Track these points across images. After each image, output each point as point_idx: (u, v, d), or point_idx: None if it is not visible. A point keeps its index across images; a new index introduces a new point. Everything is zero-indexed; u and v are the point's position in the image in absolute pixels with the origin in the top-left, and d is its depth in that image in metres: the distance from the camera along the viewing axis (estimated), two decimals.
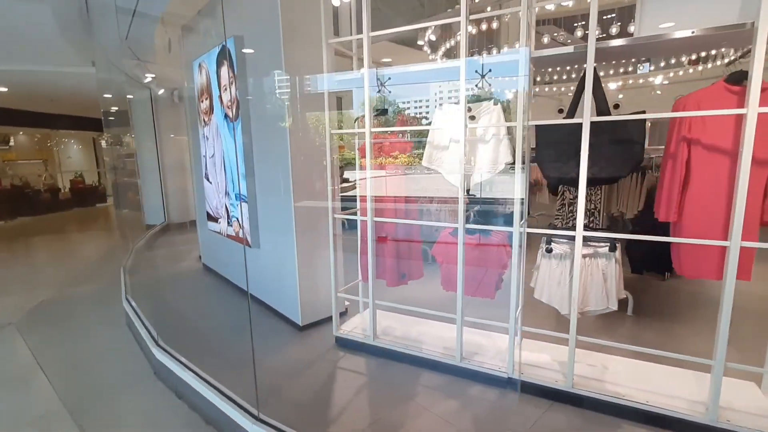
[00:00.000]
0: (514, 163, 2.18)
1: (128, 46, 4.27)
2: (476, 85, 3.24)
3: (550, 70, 8.00)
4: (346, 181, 4.17)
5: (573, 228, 1.99)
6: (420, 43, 6.48)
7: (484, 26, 7.22)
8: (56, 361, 2.78)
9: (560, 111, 3.45)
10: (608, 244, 2.04)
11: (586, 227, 3.40)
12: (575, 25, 6.85)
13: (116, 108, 5.92)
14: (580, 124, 1.88)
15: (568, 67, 7.58)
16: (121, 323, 3.32)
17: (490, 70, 3.12)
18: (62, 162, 12.08)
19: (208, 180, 4.06)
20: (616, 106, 2.95)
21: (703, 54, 6.72)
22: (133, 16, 3.17)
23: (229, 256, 3.96)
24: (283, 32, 2.64)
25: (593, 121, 1.84)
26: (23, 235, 7.96)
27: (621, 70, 8.29)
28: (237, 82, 3.14)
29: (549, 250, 2.17)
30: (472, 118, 2.20)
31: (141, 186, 7.47)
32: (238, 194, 3.44)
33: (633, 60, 7.92)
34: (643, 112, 1.92)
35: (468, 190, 2.37)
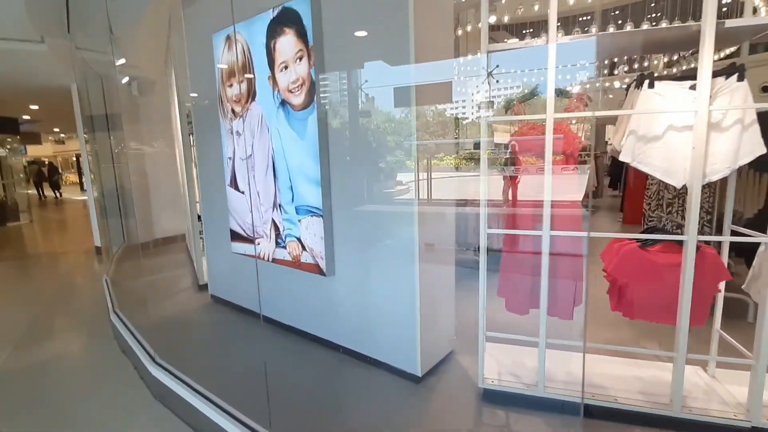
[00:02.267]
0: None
1: (107, 12, 3.17)
2: (483, 82, 2.78)
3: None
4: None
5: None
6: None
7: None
8: None
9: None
10: None
11: (653, 230, 3.12)
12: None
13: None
14: None
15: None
16: (148, 402, 2.30)
17: (497, 66, 2.67)
18: None
19: (236, 188, 3.12)
20: None
21: None
22: None
23: (276, 287, 3.06)
24: None
25: None
26: None
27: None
28: (313, 57, 2.33)
29: None
30: None
31: (89, 201, 5.98)
32: (302, 207, 2.61)
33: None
34: None
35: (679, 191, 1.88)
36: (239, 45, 2.80)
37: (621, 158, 1.87)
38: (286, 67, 2.51)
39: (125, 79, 5.00)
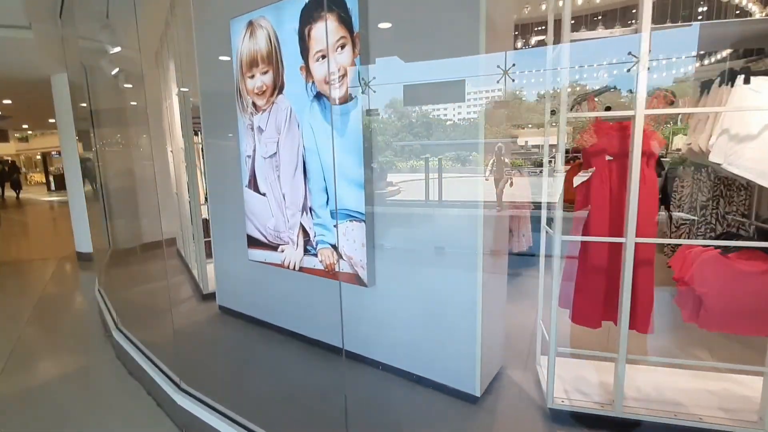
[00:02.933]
0: None
1: None
2: (497, 81, 2.68)
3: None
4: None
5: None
6: None
7: None
8: None
9: None
10: None
11: (729, 235, 3.05)
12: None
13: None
14: None
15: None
16: None
17: (513, 64, 2.58)
18: None
19: (256, 190, 2.84)
20: None
21: None
22: None
23: (303, 298, 2.80)
24: None
25: None
26: None
27: None
28: (359, 46, 2.11)
29: None
30: None
31: (72, 202, 5.50)
32: (340, 211, 2.37)
33: None
34: None
35: None
36: (264, 32, 2.54)
37: (711, 159, 1.74)
38: (323, 57, 2.27)
39: (115, 70, 4.58)
